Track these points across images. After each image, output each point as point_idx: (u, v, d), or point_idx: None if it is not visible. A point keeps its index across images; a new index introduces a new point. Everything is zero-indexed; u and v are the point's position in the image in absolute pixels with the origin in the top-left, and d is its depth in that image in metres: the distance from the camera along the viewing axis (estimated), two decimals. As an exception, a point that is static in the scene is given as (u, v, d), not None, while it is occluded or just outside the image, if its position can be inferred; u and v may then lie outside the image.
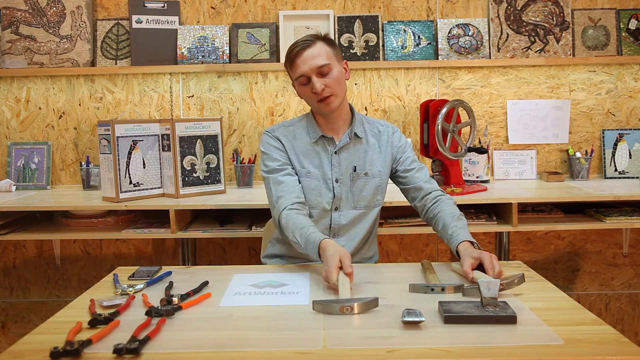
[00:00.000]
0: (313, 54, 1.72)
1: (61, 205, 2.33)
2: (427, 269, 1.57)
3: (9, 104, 2.74)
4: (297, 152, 1.83)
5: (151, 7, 2.67)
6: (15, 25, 2.68)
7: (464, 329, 1.18)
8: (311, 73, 1.72)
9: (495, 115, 2.75)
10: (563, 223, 2.29)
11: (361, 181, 1.83)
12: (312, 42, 1.73)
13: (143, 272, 1.63)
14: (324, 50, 1.74)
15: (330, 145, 1.83)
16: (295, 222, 1.65)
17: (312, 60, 1.71)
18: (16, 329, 2.86)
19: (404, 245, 2.81)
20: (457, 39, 2.68)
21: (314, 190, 1.81)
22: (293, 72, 1.76)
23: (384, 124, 1.91)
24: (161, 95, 2.73)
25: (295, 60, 1.73)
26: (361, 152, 1.84)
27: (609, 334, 1.15)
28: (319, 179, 1.81)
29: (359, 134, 1.84)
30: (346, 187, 1.83)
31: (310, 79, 1.72)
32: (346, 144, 1.83)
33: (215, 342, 1.15)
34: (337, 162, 1.82)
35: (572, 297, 1.41)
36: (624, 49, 2.69)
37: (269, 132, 1.86)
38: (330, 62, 1.73)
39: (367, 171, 1.84)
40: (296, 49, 1.73)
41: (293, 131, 1.85)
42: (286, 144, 1.83)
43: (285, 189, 1.75)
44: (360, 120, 1.87)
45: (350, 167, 1.83)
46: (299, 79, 1.75)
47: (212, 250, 2.82)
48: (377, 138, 1.87)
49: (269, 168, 1.81)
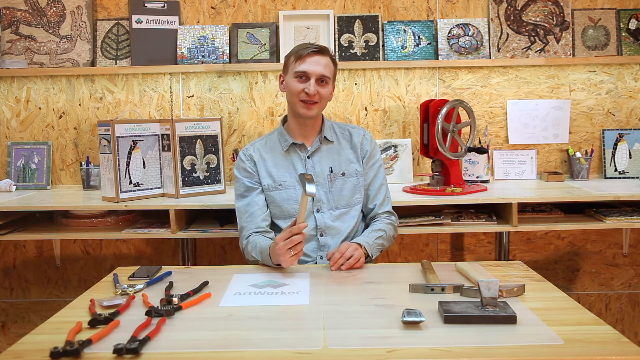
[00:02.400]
0: (322, 62, 1.83)
1: (61, 205, 2.33)
2: (427, 269, 1.57)
3: (9, 104, 2.74)
4: (269, 165, 1.91)
5: (151, 7, 2.67)
6: (15, 25, 2.68)
7: (464, 329, 1.18)
8: (313, 75, 1.82)
9: (495, 115, 2.75)
10: (563, 223, 2.29)
11: (339, 181, 1.91)
12: (325, 53, 1.85)
13: (143, 272, 1.63)
14: (330, 65, 1.87)
15: (302, 151, 1.92)
16: (252, 246, 1.77)
17: (319, 66, 1.82)
18: (16, 329, 2.86)
19: (403, 245, 2.81)
20: (457, 39, 2.68)
21: (289, 200, 1.89)
22: (297, 64, 1.83)
23: (354, 127, 2.00)
24: (161, 95, 2.73)
25: (306, 58, 1.82)
26: (334, 154, 1.94)
27: (609, 334, 1.15)
28: (293, 187, 1.89)
29: (329, 138, 1.93)
30: (324, 188, 1.90)
31: (309, 79, 1.82)
32: (318, 148, 1.92)
33: (215, 342, 1.15)
34: (312, 165, 1.91)
35: (572, 297, 1.41)
36: (624, 49, 2.69)
37: (243, 152, 1.95)
38: (330, 77, 1.86)
39: (344, 171, 1.92)
40: (310, 49, 1.83)
41: (266, 145, 1.95)
42: (258, 160, 1.92)
43: (248, 219, 1.86)
44: (329, 126, 1.96)
45: (326, 168, 1.91)
46: (299, 73, 1.82)
47: (212, 250, 2.82)
48: (347, 140, 1.96)
49: (237, 193, 1.92)
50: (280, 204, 1.89)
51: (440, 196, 2.25)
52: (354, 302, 1.38)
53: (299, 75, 1.83)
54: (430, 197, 2.25)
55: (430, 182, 2.41)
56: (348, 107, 2.72)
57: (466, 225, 2.28)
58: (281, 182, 1.90)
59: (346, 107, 2.73)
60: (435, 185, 2.38)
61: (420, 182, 2.58)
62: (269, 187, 1.90)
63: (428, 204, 2.24)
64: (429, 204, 2.28)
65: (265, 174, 1.91)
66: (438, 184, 2.39)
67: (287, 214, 1.89)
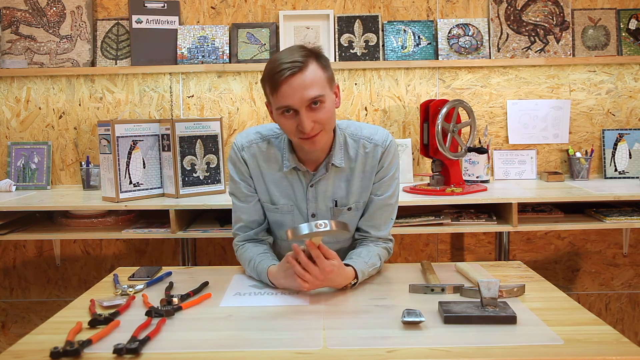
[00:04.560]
0: (305, 82, 1.38)
1: (61, 205, 2.33)
2: (427, 269, 1.57)
3: (9, 104, 2.74)
4: (266, 180, 1.59)
5: (151, 7, 2.67)
6: (15, 25, 2.68)
7: (464, 329, 1.18)
8: (300, 107, 1.40)
9: (495, 115, 2.75)
10: (563, 223, 2.29)
11: (343, 217, 1.60)
12: (304, 65, 1.39)
13: (143, 272, 1.63)
14: (318, 76, 1.41)
15: (304, 178, 1.58)
16: (245, 257, 1.58)
17: (303, 91, 1.38)
18: (16, 329, 2.86)
19: (403, 246, 2.81)
20: (457, 39, 2.68)
21: (283, 225, 1.62)
22: (276, 99, 1.42)
23: (372, 140, 1.58)
24: (161, 95, 2.73)
25: (282, 86, 1.38)
26: (342, 182, 1.58)
27: (609, 334, 1.15)
28: (290, 212, 1.61)
29: (337, 164, 1.55)
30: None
31: (297, 112, 1.41)
32: (323, 176, 1.57)
33: (215, 342, 1.15)
34: (314, 196, 1.59)
35: (572, 297, 1.41)
36: (624, 49, 2.69)
37: (237, 151, 1.60)
38: (324, 93, 1.42)
39: (350, 206, 1.59)
40: (284, 73, 1.37)
41: (266, 151, 1.59)
42: (253, 169, 1.60)
43: (242, 228, 1.64)
44: (341, 144, 1.57)
45: (329, 200, 1.59)
46: (281, 108, 1.42)
47: (212, 250, 2.82)
48: (362, 161, 1.58)
49: (231, 190, 1.65)
50: (272, 227, 1.66)
51: (440, 196, 2.25)
52: (354, 302, 1.38)
53: (284, 110, 1.42)
54: (430, 197, 2.25)
55: (430, 182, 2.41)
56: (348, 107, 2.72)
57: (466, 225, 2.28)
58: (277, 204, 1.60)
59: (346, 107, 2.73)
60: (435, 185, 2.38)
61: (420, 182, 2.58)
62: (262, 204, 1.63)
63: (428, 204, 2.24)
64: (429, 204, 2.28)
65: (261, 187, 1.61)
66: (438, 184, 2.39)
67: (280, 236, 1.66)
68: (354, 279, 1.45)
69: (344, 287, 1.45)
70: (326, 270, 1.35)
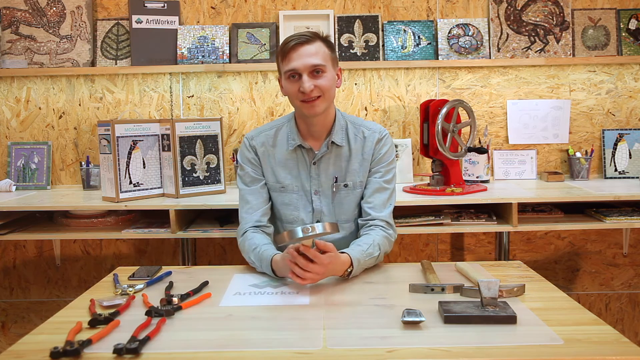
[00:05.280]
0: (310, 51, 1.62)
1: (61, 205, 2.33)
2: (427, 269, 1.57)
3: (9, 104, 2.74)
4: (273, 163, 1.77)
5: (151, 7, 2.67)
6: (15, 25, 2.68)
7: (464, 329, 1.18)
8: (304, 70, 1.62)
9: (495, 115, 2.75)
10: (563, 223, 2.29)
11: (342, 193, 1.75)
12: (311, 39, 1.63)
13: (143, 272, 1.63)
14: (322, 51, 1.64)
15: (308, 156, 1.75)
16: (250, 244, 1.65)
17: (307, 58, 1.62)
18: (16, 329, 2.86)
19: (403, 245, 2.81)
20: (457, 39, 2.68)
21: (289, 206, 1.76)
22: (284, 64, 1.65)
23: (371, 128, 1.78)
24: (161, 95, 2.73)
25: (290, 53, 1.62)
26: (343, 161, 1.75)
27: (609, 334, 1.15)
28: (296, 192, 1.76)
29: (337, 142, 1.74)
30: (327, 199, 1.76)
31: (301, 77, 1.63)
32: (325, 153, 1.74)
33: (215, 342, 1.15)
34: (316, 173, 1.75)
35: (572, 297, 1.41)
36: (624, 49, 2.69)
37: (247, 140, 1.80)
38: (325, 64, 1.64)
39: (347, 182, 1.75)
40: (292, 42, 1.62)
41: (274, 137, 1.78)
42: (262, 155, 1.77)
43: (249, 210, 1.74)
44: (341, 126, 1.76)
45: (331, 177, 1.75)
46: (288, 73, 1.64)
47: (212, 250, 2.82)
48: (360, 144, 1.76)
49: (241, 180, 1.79)
50: (279, 207, 1.78)
51: (440, 196, 2.25)
52: (354, 302, 1.38)
53: (290, 74, 1.64)
54: (430, 197, 2.25)
55: (430, 182, 2.41)
56: (348, 107, 2.72)
57: (466, 225, 2.28)
58: (284, 184, 1.76)
59: (346, 107, 2.72)
60: (435, 185, 2.38)
61: (420, 182, 2.58)
62: (270, 187, 1.78)
63: (428, 204, 2.24)
64: (429, 204, 2.28)
65: (269, 171, 1.77)
66: (438, 184, 2.39)
67: (285, 219, 1.78)
68: (349, 267, 1.52)
69: (341, 275, 1.52)
70: (324, 263, 1.44)
